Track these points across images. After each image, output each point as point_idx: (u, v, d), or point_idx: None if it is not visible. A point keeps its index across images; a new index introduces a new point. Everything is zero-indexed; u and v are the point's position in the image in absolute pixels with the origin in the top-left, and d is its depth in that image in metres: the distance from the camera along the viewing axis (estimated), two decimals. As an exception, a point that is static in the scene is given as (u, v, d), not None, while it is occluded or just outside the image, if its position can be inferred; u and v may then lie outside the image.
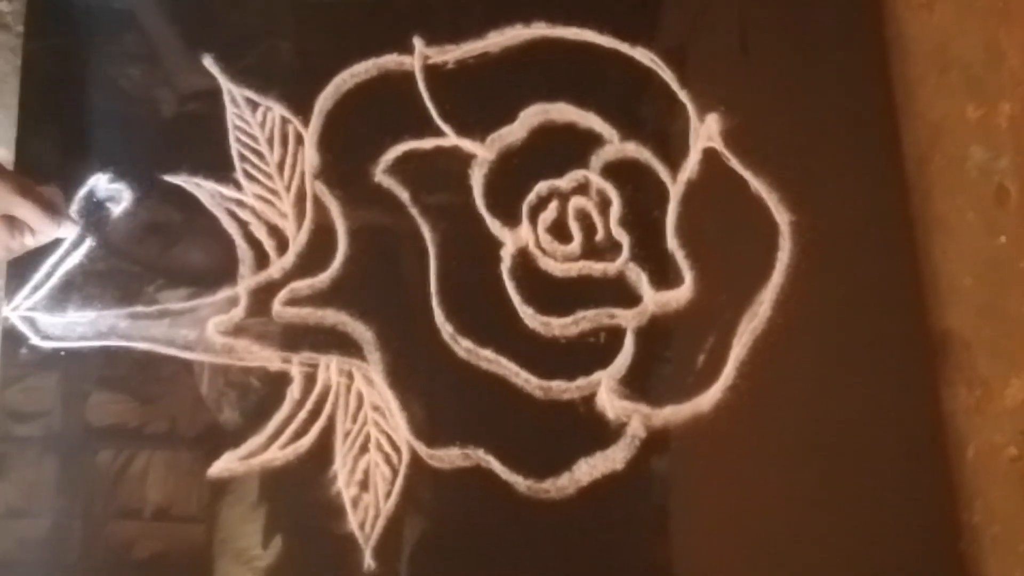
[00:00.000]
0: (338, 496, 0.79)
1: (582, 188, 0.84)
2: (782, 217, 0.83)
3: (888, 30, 0.88)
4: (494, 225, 0.84)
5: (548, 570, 0.79)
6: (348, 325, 0.82)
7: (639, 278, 0.83)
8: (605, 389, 0.81)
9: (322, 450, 0.80)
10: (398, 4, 0.88)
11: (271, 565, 0.78)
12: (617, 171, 0.85)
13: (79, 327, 0.82)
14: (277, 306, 0.82)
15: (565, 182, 0.84)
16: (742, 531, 0.79)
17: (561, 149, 0.85)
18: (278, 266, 0.83)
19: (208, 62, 0.87)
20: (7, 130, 0.86)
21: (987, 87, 0.87)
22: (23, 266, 0.83)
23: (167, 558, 0.79)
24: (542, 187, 0.84)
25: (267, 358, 0.82)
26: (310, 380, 0.81)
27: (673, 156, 0.85)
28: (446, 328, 0.82)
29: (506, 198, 0.84)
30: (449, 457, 0.80)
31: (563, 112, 0.85)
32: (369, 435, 0.80)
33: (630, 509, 0.80)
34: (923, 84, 0.88)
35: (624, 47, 0.87)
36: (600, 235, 0.84)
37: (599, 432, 0.80)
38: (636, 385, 0.81)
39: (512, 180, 0.84)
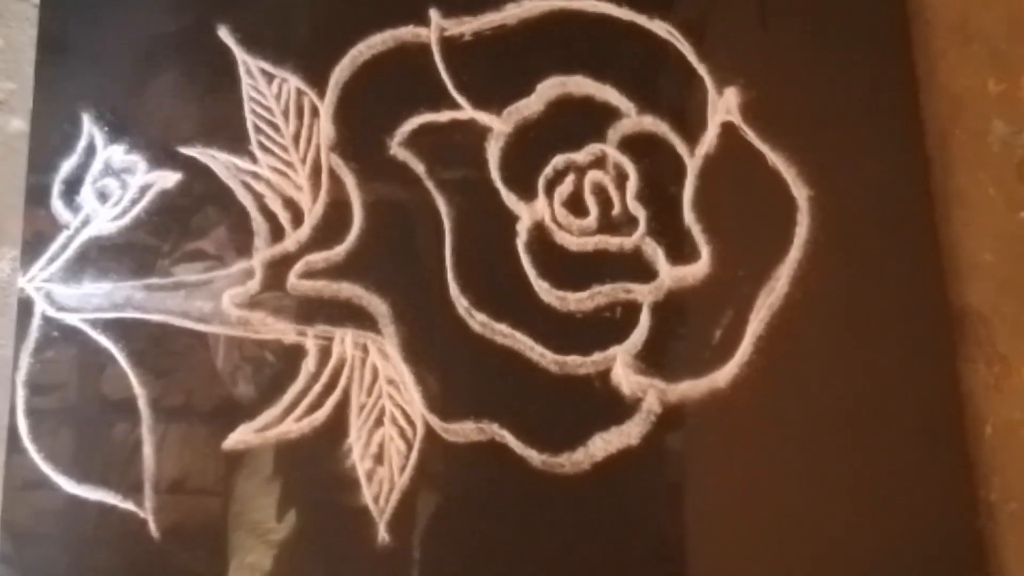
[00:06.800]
0: (353, 469, 0.76)
1: (599, 162, 0.80)
2: (800, 192, 0.79)
3: (909, 2, 0.83)
4: (510, 199, 0.79)
5: (563, 545, 0.75)
6: (363, 298, 0.78)
7: (656, 253, 0.78)
8: (621, 364, 0.77)
9: (337, 423, 0.76)
10: (415, -25, 0.84)
11: (285, 538, 0.75)
12: (634, 145, 0.80)
13: (95, 299, 0.79)
14: (292, 279, 0.78)
15: (582, 156, 0.80)
16: (757, 507, 0.75)
17: (578, 122, 0.80)
18: (293, 239, 0.79)
19: (223, 33, 0.82)
20: (23, 101, 0.83)
21: (1010, 60, 0.82)
22: (39, 237, 0.80)
23: (182, 531, 0.75)
24: (559, 161, 0.80)
25: (282, 331, 0.78)
26: (325, 353, 0.77)
27: (691, 130, 0.80)
28: (461, 302, 0.78)
29: (522, 171, 0.80)
30: (464, 431, 0.76)
31: (580, 85, 0.81)
32: (384, 408, 0.77)
33: (645, 484, 0.77)
34: (945, 57, 0.83)
35: (642, 19, 0.82)
36: (617, 209, 0.79)
37: (614, 407, 0.76)
38: (652, 360, 0.77)
39: (528, 153, 0.80)
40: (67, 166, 0.81)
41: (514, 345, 0.77)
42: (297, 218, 0.80)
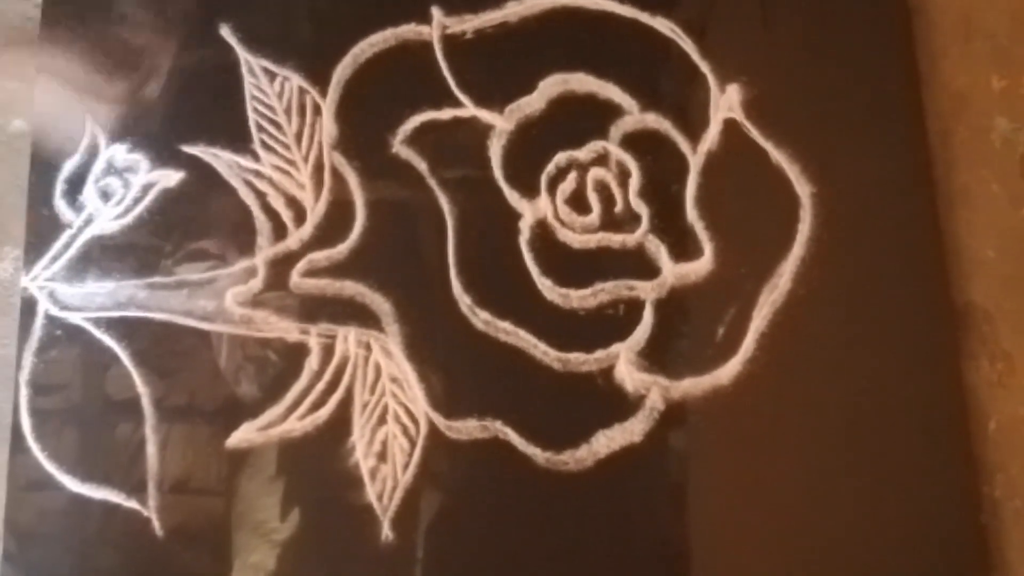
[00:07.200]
0: (356, 467, 0.75)
1: (601, 159, 0.80)
2: (803, 189, 0.78)
3: (912, -1, 0.83)
4: (512, 196, 0.79)
5: (566, 542, 0.75)
6: (366, 296, 0.78)
7: (658, 250, 0.78)
8: (624, 361, 0.76)
9: (340, 421, 0.76)
10: (416, -27, 0.83)
11: (289, 537, 0.75)
12: (637, 142, 0.80)
13: (98, 298, 0.78)
14: (295, 277, 0.78)
15: (584, 153, 0.80)
16: (761, 503, 0.75)
17: (580, 120, 0.80)
18: (296, 237, 0.79)
19: (225, 32, 0.82)
20: (25, 101, 0.83)
21: (1012, 57, 0.82)
22: (42, 236, 0.79)
23: (185, 530, 0.75)
24: (561, 158, 0.79)
25: (285, 329, 0.78)
26: (328, 351, 0.77)
27: (693, 127, 0.80)
28: (464, 300, 0.78)
29: (525, 169, 0.80)
30: (467, 429, 0.76)
31: (582, 82, 0.81)
32: (387, 406, 0.76)
33: (649, 481, 0.76)
34: (947, 54, 0.82)
35: (644, 17, 0.81)
36: (619, 207, 0.79)
37: (618, 404, 0.76)
38: (655, 357, 0.76)
39: (531, 151, 0.80)
40: (69, 165, 0.81)
41: (517, 343, 0.77)
42: (300, 216, 0.79)
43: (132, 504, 0.75)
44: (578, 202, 0.79)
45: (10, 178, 0.82)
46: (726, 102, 0.80)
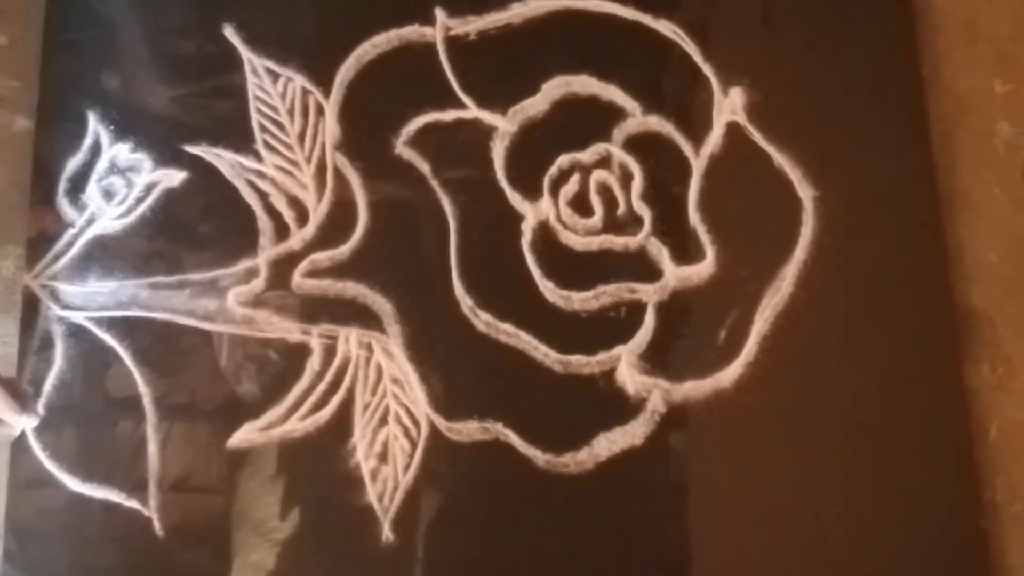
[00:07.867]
0: (357, 468, 0.75)
1: (604, 162, 0.80)
2: (805, 192, 0.78)
3: (915, 2, 0.83)
4: (515, 198, 0.79)
5: (567, 544, 0.75)
6: (368, 297, 0.78)
7: (660, 253, 0.78)
8: (625, 364, 0.76)
9: (341, 422, 0.76)
10: (420, -25, 0.83)
11: (289, 537, 0.75)
12: (639, 145, 0.80)
13: (100, 297, 0.79)
14: (297, 277, 0.78)
15: (587, 155, 0.79)
16: (761, 507, 0.75)
17: (583, 122, 0.80)
18: (298, 238, 0.79)
19: (229, 32, 0.82)
20: (29, 99, 0.83)
21: (1015, 61, 0.82)
22: (44, 235, 0.80)
23: (185, 529, 0.75)
24: (564, 160, 0.79)
25: (287, 329, 0.78)
26: (330, 352, 0.77)
27: (696, 130, 0.80)
28: (466, 301, 0.77)
29: (527, 171, 0.80)
30: (468, 430, 0.76)
31: (585, 85, 0.80)
32: (388, 408, 0.76)
33: (649, 484, 0.76)
34: (950, 58, 0.82)
35: (647, 19, 0.81)
36: (622, 209, 0.79)
37: (619, 407, 0.76)
38: (656, 360, 0.76)
39: (533, 153, 0.80)
40: (72, 164, 0.81)
41: (518, 345, 0.77)
42: (302, 217, 0.79)
43: (132, 503, 0.76)
44: (580, 204, 0.79)
45: (13, 176, 0.82)
46: (729, 105, 0.80)
